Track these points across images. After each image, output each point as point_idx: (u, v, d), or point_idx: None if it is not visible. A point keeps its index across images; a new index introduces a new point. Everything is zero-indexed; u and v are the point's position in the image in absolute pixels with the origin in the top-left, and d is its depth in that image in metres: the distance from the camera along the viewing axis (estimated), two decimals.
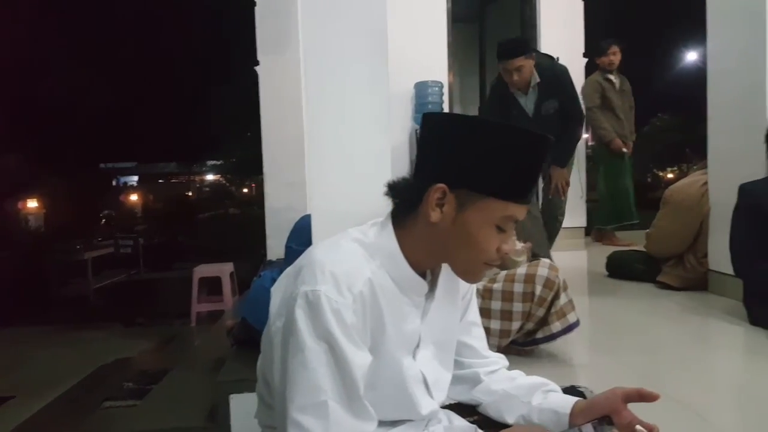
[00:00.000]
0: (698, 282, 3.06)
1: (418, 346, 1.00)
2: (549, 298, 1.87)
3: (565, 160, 3.38)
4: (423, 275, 0.99)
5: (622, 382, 1.79)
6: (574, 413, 0.99)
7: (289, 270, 0.95)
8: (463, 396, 1.12)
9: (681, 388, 1.75)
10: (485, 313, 1.89)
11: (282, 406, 0.85)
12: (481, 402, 1.10)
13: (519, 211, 0.92)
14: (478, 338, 1.15)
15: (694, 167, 3.52)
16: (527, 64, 3.20)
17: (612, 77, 4.77)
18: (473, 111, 6.88)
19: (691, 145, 3.78)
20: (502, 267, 2.07)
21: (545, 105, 3.28)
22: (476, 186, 0.89)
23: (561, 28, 5.40)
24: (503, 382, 1.10)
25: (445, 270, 1.01)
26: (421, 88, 4.96)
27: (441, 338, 1.04)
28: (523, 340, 1.96)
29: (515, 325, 1.89)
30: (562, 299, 1.90)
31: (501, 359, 1.17)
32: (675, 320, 2.54)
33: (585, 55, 5.28)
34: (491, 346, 1.89)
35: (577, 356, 2.03)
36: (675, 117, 19.38)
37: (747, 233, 2.43)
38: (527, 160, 0.91)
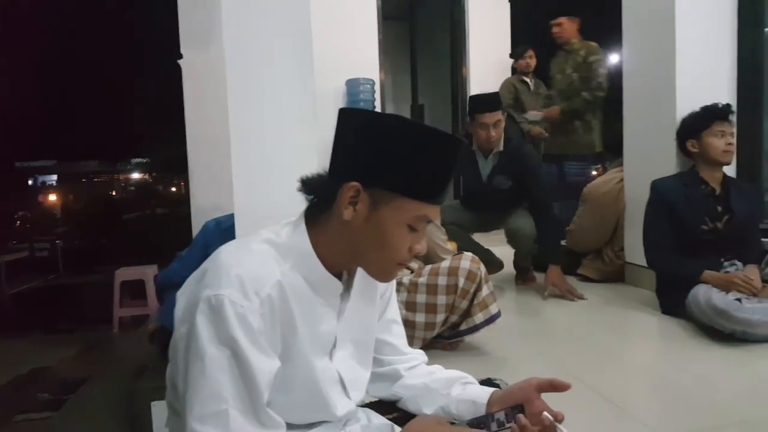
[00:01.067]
0: (616, 274, 3.21)
1: (334, 346, 0.98)
2: (471, 290, 1.93)
3: (557, 255, 2.95)
4: (339, 275, 0.97)
5: (542, 372, 1.83)
6: (491, 403, 1.01)
7: (195, 273, 0.92)
8: (384, 393, 1.12)
9: (596, 376, 1.83)
10: (411, 306, 1.93)
11: (184, 415, 0.82)
12: (401, 397, 1.11)
13: (432, 212, 0.92)
14: (398, 336, 1.15)
15: (609, 165, 3.69)
16: (504, 119, 3.04)
17: (527, 79, 4.97)
18: (405, 109, 6.95)
19: (608, 145, 3.94)
20: (429, 261, 2.10)
21: (498, 178, 3.06)
22: (390, 185, 0.89)
23: (488, 29, 5.53)
24: (422, 376, 1.11)
25: (362, 269, 1.00)
26: (352, 85, 4.95)
27: (359, 337, 1.04)
28: (449, 333, 2.01)
29: (439, 317, 1.93)
30: (484, 291, 1.95)
31: (421, 355, 1.17)
32: (593, 311, 2.65)
33: (511, 56, 5.43)
34: (417, 339, 1.93)
35: (500, 349, 2.08)
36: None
37: (658, 227, 2.56)
38: (440, 162, 0.91)
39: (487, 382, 1.12)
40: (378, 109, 5.12)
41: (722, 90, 2.79)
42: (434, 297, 1.92)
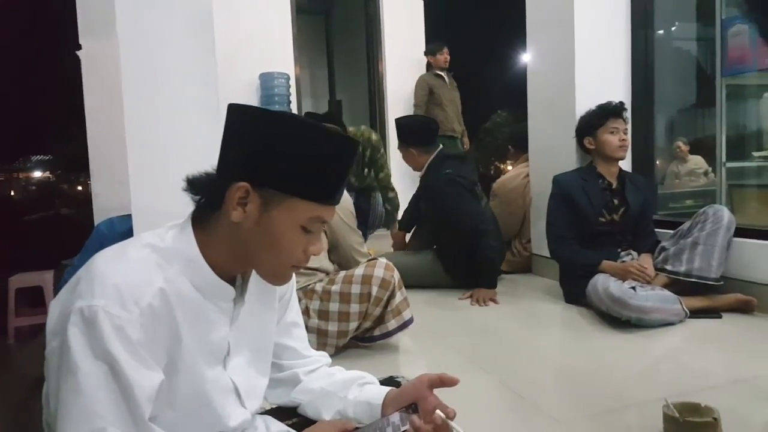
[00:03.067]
0: (524, 265, 3.34)
1: (228, 353, 0.94)
2: (385, 298, 1.92)
3: (487, 280, 2.83)
4: (232, 279, 0.94)
5: (452, 365, 1.90)
6: (386, 403, 1.00)
7: (69, 282, 0.85)
8: (283, 399, 1.10)
9: (502, 366, 1.89)
10: (324, 315, 1.90)
11: None
12: (300, 402, 1.08)
13: (327, 213, 0.90)
14: (298, 339, 1.12)
15: (509, 162, 3.82)
16: (404, 153, 3.10)
17: (443, 74, 5.13)
18: (323, 104, 6.89)
19: (513, 141, 4.07)
20: (345, 266, 2.06)
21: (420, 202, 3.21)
22: (281, 186, 0.86)
23: (403, 25, 5.58)
24: (321, 379, 1.09)
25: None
26: (266, 79, 4.84)
27: (256, 343, 1.00)
28: (361, 336, 2.00)
29: (352, 325, 1.92)
30: (398, 297, 1.95)
31: (323, 357, 1.15)
32: (503, 302, 2.73)
33: (426, 53, 5.49)
34: (329, 347, 1.91)
35: (414, 344, 2.10)
36: (511, 113, 21.22)
37: (560, 219, 2.68)
38: (334, 162, 0.89)
39: (389, 381, 1.12)
40: (294, 104, 5.04)
41: (618, 89, 2.95)
42: (347, 305, 1.90)
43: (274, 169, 0.85)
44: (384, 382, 1.11)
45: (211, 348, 0.91)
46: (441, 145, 3.10)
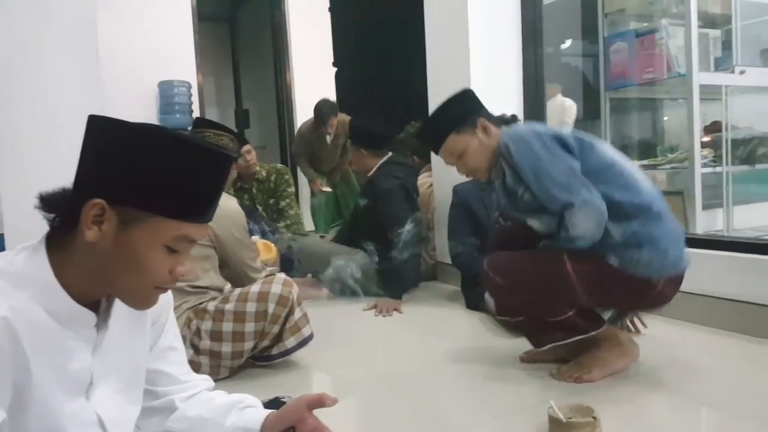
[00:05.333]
0: (430, 273, 3.40)
1: (92, 383, 0.88)
2: (283, 315, 1.85)
3: (395, 290, 2.84)
4: (96, 303, 0.88)
5: (351, 380, 1.89)
6: (266, 427, 0.98)
7: None
8: (157, 428, 1.04)
9: (399, 375, 1.91)
10: (216, 336, 1.81)
11: None
12: (175, 431, 1.03)
13: (195, 231, 0.86)
14: (175, 363, 1.07)
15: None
16: (354, 153, 3.18)
17: (327, 136, 4.73)
18: (229, 113, 6.72)
19: (417, 151, 4.12)
20: (239, 284, 1.98)
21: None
22: (140, 203, 0.81)
23: (310, 34, 5.56)
24: (199, 406, 1.05)
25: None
26: (165, 87, 4.66)
27: (124, 371, 0.95)
28: (259, 355, 1.93)
29: (248, 345, 1.84)
30: (297, 314, 1.90)
31: (204, 381, 1.11)
32: (407, 311, 2.76)
33: (334, 64, 5.50)
34: (224, 368, 1.84)
35: (314, 359, 2.06)
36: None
37: (460, 227, 2.77)
38: (202, 177, 0.85)
39: (273, 403, 1.10)
40: (196, 113, 4.87)
41: (511, 102, 3.08)
42: (242, 325, 1.81)
43: (132, 185, 0.81)
44: (268, 404, 1.08)
45: (70, 379, 0.85)
46: (390, 153, 3.20)
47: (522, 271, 1.68)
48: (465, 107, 1.89)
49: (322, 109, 4.67)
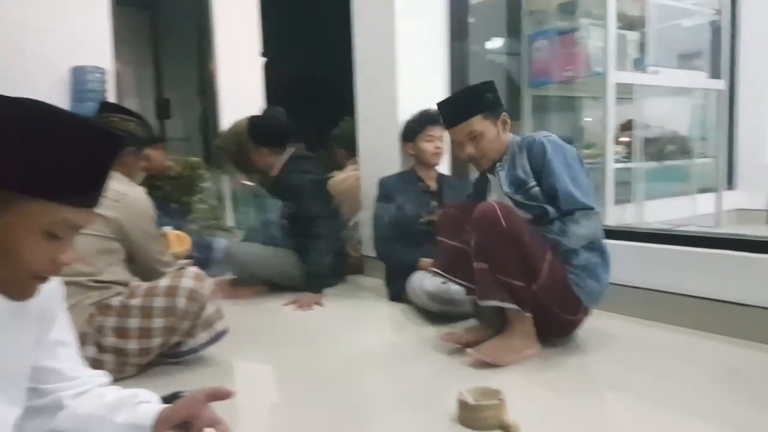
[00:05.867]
0: (357, 267, 3.37)
1: None
2: (194, 310, 1.76)
3: (314, 284, 2.80)
4: None
5: (265, 374, 1.83)
6: (160, 422, 0.92)
7: None
8: (43, 429, 0.96)
9: (313, 368, 1.87)
10: (122, 332, 1.69)
11: None
12: (63, 431, 0.95)
13: (78, 217, 0.79)
14: (65, 360, 0.99)
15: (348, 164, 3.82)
16: (254, 152, 2.99)
17: None
18: (149, 103, 6.41)
19: (344, 144, 4.07)
20: (147, 278, 1.86)
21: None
22: (16, 184, 0.74)
23: (236, 23, 5.38)
24: (90, 403, 0.97)
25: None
26: (79, 73, 4.38)
27: (2, 368, 0.86)
28: (168, 352, 1.82)
29: (156, 342, 1.73)
30: (209, 309, 1.81)
31: (97, 377, 1.03)
32: (331, 306, 2.71)
33: (263, 54, 5.34)
34: (130, 366, 1.73)
35: (226, 357, 1.97)
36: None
37: (384, 221, 2.75)
38: (84, 157, 0.78)
39: (172, 398, 1.03)
40: (113, 100, 4.61)
41: (438, 97, 3.09)
42: (149, 320, 1.71)
43: (4, 164, 0.73)
44: (167, 399, 1.02)
45: None
46: (292, 148, 3.06)
47: (521, 231, 1.81)
48: (496, 97, 2.03)
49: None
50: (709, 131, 3.87)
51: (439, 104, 2.14)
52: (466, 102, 2.02)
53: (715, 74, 3.58)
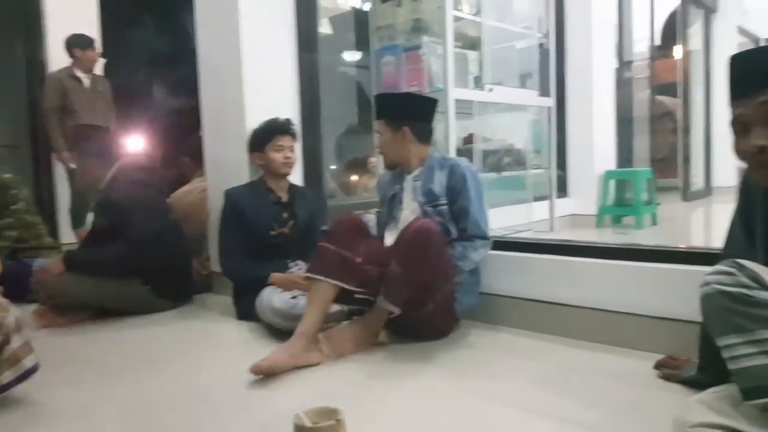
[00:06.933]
0: (205, 285, 3.20)
1: None
2: None
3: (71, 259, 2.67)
4: None
5: (90, 409, 1.65)
6: None
7: None
8: None
9: (150, 395, 1.73)
10: None
11: None
12: None
13: None
14: None
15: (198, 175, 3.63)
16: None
17: (82, 75, 4.51)
18: None
19: (190, 153, 3.84)
20: None
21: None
22: None
23: (70, 8, 4.89)
24: None
25: None
26: None
27: None
28: None
29: None
30: (16, 342, 1.58)
31: None
32: (173, 328, 2.55)
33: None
34: None
35: (40, 396, 1.76)
36: None
37: (231, 234, 2.64)
38: None
39: None
40: None
41: (288, 107, 3.04)
42: None
43: None
44: None
45: None
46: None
47: (445, 256, 2.08)
48: (414, 112, 2.31)
49: (72, 39, 4.22)
50: (544, 145, 4.22)
51: (376, 96, 2.52)
52: (383, 104, 2.38)
53: (544, 92, 3.91)
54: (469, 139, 3.56)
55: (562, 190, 4.95)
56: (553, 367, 1.90)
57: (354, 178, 5.25)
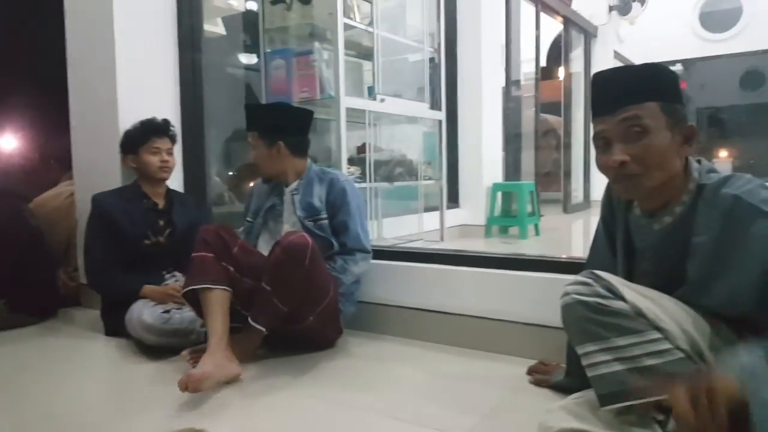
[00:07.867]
0: (72, 298, 2.93)
1: None
2: None
3: None
4: None
5: None
6: None
7: None
8: None
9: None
10: None
11: None
12: None
13: None
14: None
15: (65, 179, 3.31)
16: None
17: None
18: None
19: (58, 155, 3.50)
20: None
21: None
22: None
23: None
24: None
25: None
26: None
27: None
28: None
29: None
30: None
31: None
32: (29, 347, 2.29)
33: None
34: None
35: None
36: None
37: (99, 244, 2.43)
38: None
39: None
40: None
41: (167, 108, 2.86)
42: None
43: None
44: None
45: None
46: None
47: (318, 271, 1.98)
48: (288, 126, 2.25)
49: None
50: (436, 156, 4.30)
51: (246, 106, 2.34)
52: (255, 116, 2.29)
53: (435, 106, 3.99)
54: (362, 149, 3.54)
55: (454, 200, 5.09)
56: (431, 374, 1.90)
57: (251, 184, 5.06)
